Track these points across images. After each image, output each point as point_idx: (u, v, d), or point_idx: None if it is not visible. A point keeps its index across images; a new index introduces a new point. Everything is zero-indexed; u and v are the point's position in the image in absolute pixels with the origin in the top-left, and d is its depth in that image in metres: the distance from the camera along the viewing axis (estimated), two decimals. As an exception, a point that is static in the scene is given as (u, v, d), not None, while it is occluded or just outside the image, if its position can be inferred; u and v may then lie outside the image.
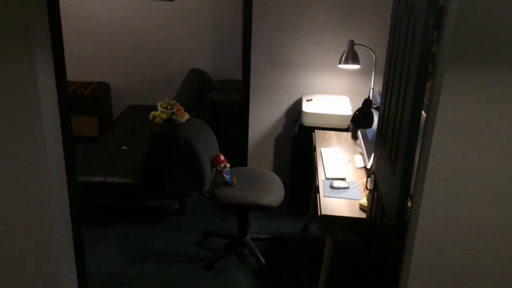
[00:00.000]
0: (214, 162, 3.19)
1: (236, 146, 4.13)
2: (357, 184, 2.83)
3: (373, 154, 2.63)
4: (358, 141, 3.40)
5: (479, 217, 1.65)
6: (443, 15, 1.55)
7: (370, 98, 3.11)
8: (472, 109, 1.53)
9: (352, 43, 3.43)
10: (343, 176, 2.92)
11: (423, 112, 1.72)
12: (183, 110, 3.58)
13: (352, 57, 3.43)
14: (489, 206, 1.64)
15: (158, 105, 3.57)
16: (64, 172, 2.20)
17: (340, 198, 2.70)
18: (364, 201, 2.61)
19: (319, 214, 2.61)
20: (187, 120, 3.55)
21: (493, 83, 1.51)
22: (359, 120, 3.04)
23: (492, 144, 1.57)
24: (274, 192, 3.17)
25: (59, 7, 2.01)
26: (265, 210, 3.13)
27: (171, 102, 3.57)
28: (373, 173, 2.43)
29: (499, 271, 1.72)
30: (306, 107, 3.68)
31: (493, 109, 1.53)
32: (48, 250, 2.15)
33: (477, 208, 1.64)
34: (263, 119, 4.07)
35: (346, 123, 3.63)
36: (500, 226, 1.65)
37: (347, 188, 2.78)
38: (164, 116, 3.51)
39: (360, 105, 3.04)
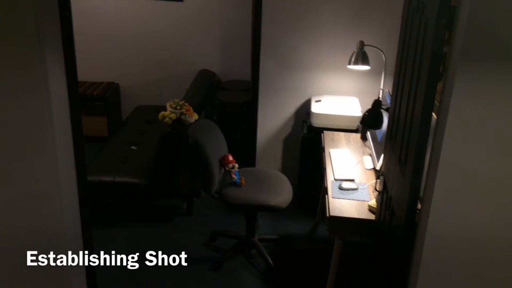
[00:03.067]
0: (223, 162, 3.20)
1: (244, 147, 4.13)
2: (366, 186, 2.82)
3: (382, 155, 2.62)
4: (367, 142, 3.39)
5: (490, 219, 1.64)
6: (454, 15, 1.54)
7: (380, 99, 3.10)
8: (483, 110, 1.52)
9: (361, 44, 3.42)
10: (352, 177, 2.91)
11: (433, 113, 1.70)
12: (192, 111, 3.59)
13: (361, 57, 3.42)
14: (500, 208, 1.62)
15: (167, 105, 3.58)
16: (75, 171, 2.21)
17: (349, 199, 2.69)
18: (373, 202, 2.59)
19: (327, 215, 2.60)
20: (196, 120, 3.56)
21: (504, 84, 1.49)
22: (369, 121, 3.03)
23: (504, 145, 1.55)
24: (282, 193, 3.17)
25: (70, 7, 2.02)
26: (273, 210, 3.12)
27: (180, 103, 3.58)
28: (382, 174, 2.42)
29: (511, 273, 1.71)
30: (315, 108, 3.67)
31: (505, 111, 1.51)
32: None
33: (488, 210, 1.62)
34: (272, 119, 4.07)
35: (355, 124, 3.61)
36: None
37: (356, 189, 2.77)
38: (173, 116, 3.52)
39: (369, 106, 3.03)
